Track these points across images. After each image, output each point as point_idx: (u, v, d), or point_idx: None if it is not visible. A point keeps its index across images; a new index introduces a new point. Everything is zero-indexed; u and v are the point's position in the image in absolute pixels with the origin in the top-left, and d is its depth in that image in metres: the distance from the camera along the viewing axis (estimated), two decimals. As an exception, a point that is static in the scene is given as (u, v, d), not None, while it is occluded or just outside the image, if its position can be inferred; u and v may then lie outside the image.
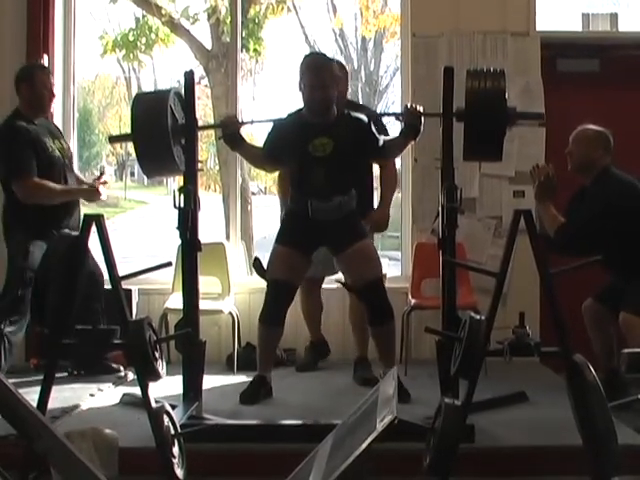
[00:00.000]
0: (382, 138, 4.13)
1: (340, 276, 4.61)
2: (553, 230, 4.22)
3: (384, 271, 5.35)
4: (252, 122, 4.50)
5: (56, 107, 5.35)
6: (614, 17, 5.79)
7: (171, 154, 3.67)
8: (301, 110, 4.17)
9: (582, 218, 4.18)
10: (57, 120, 5.41)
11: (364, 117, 4.16)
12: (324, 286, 5.00)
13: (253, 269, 4.60)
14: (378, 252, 4.40)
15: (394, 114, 4.67)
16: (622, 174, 4.32)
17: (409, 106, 3.96)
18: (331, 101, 4.06)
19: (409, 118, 3.93)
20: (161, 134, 3.63)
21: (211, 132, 8.82)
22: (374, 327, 4.22)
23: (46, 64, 5.28)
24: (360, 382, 4.45)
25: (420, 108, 3.90)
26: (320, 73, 4.02)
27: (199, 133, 3.90)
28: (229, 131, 4.02)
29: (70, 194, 4.63)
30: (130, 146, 3.77)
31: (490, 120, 3.64)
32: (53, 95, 4.69)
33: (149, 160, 3.75)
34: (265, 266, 4.30)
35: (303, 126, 4.09)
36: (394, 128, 5.68)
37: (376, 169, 5.00)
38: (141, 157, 3.72)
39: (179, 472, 2.90)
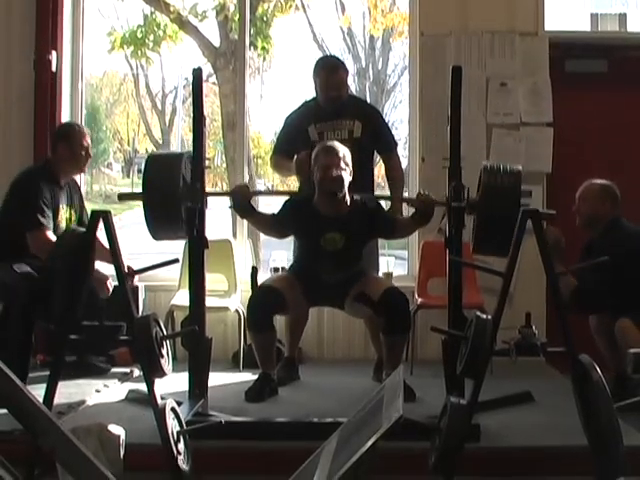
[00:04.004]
0: (393, 219, 4.24)
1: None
2: (567, 293, 4.10)
3: (390, 270, 5.36)
4: (263, 193, 4.51)
5: (64, 104, 5.37)
6: (623, 17, 5.77)
7: (180, 219, 3.65)
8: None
9: (594, 279, 4.07)
10: (65, 117, 5.43)
11: (374, 202, 4.23)
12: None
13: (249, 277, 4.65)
14: (384, 250, 4.39)
15: (406, 200, 4.71)
16: (630, 225, 4.30)
17: (421, 193, 4.00)
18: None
19: (421, 205, 3.97)
20: (172, 200, 3.59)
21: (219, 129, 8.86)
22: (389, 336, 4.13)
23: (54, 60, 5.29)
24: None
25: (433, 196, 3.93)
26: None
27: (206, 130, 3.88)
28: (239, 200, 4.04)
29: None
30: (137, 144, 3.76)
31: (503, 219, 3.41)
32: (89, 156, 4.67)
33: (157, 223, 3.70)
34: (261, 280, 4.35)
35: (315, 218, 4.11)
36: (400, 127, 5.71)
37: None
38: (149, 219, 3.69)
39: (184, 468, 2.91)
